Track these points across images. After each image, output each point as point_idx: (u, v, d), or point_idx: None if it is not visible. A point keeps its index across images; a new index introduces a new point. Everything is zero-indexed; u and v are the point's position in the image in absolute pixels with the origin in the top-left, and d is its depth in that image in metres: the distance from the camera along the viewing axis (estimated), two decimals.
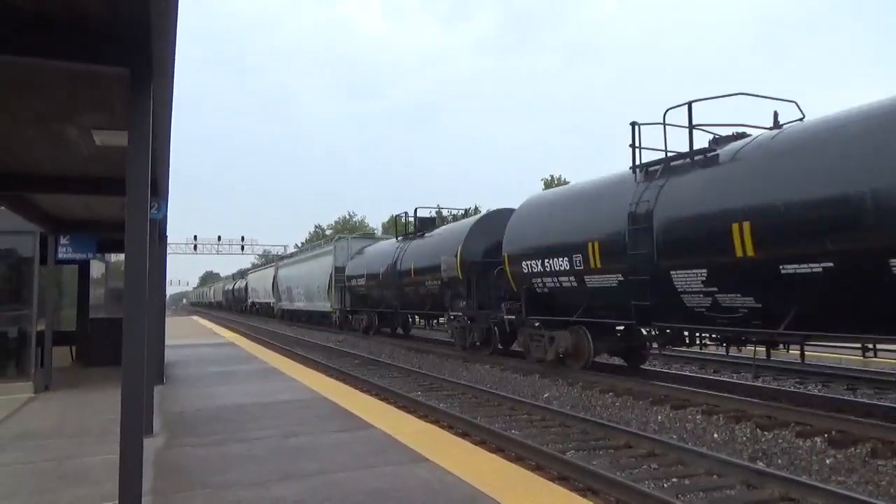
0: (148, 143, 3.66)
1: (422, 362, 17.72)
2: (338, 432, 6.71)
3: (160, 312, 10.24)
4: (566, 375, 12.94)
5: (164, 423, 7.37)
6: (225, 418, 7.64)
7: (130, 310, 3.70)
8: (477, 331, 17.38)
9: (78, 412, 8.16)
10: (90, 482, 5.06)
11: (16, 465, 5.66)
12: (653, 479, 6.46)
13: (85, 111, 4.82)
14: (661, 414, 9.51)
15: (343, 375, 14.56)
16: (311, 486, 4.84)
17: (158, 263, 8.52)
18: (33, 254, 10.06)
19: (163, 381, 10.58)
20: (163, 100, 4.29)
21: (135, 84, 3.55)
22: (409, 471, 5.19)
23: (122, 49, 3.46)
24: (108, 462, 5.43)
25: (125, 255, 3.73)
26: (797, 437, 7.80)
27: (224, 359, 15.18)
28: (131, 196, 3.64)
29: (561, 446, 7.89)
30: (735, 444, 7.95)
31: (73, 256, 11.16)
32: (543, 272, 13.79)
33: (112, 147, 5.36)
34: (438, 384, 13.46)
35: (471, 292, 17.43)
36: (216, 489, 4.80)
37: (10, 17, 3.34)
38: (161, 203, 7.42)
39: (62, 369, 12.19)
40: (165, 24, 3.21)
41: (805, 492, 5.77)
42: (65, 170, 6.93)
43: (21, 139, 5.67)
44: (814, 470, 6.90)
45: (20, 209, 8.59)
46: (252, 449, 6.06)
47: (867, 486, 6.32)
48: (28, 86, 4.36)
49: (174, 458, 5.76)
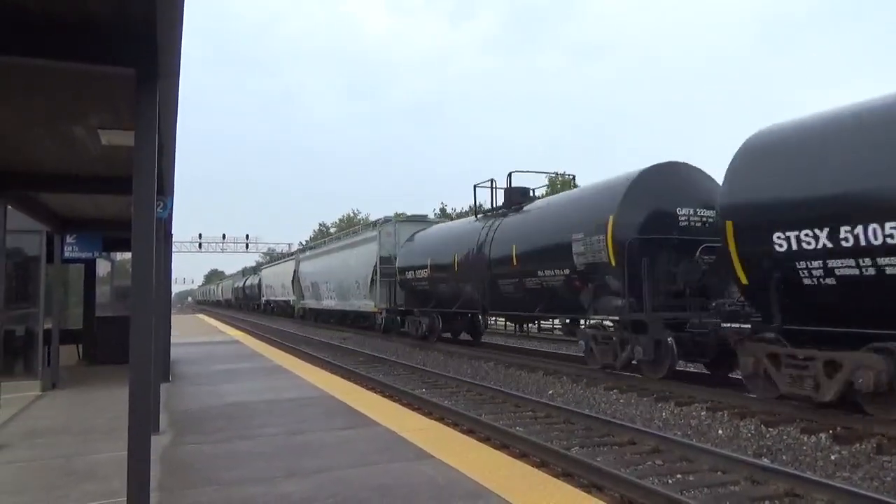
0: (154, 143, 3.69)
1: (426, 359, 17.75)
2: (343, 429, 6.74)
3: (166, 311, 10.29)
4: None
5: (170, 420, 7.41)
6: (231, 415, 7.68)
7: (137, 308, 3.73)
8: (643, 344, 11.45)
9: (85, 410, 8.21)
10: (98, 479, 5.10)
11: (25, 463, 5.71)
12: (657, 476, 6.48)
13: (91, 111, 4.86)
14: (666, 410, 9.52)
15: (348, 373, 14.60)
16: (318, 482, 4.87)
17: (164, 262, 8.57)
18: (40, 253, 10.11)
19: (169, 379, 10.64)
20: (168, 100, 4.32)
21: (141, 84, 3.58)
22: (415, 467, 5.22)
23: (128, 50, 3.49)
24: (115, 459, 5.46)
25: (132, 254, 3.76)
26: (802, 434, 7.79)
27: (230, 356, 15.24)
28: (138, 195, 3.67)
29: (565, 443, 7.91)
30: (740, 441, 7.96)
31: (80, 255, 11.25)
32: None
33: (119, 146, 5.39)
34: (443, 381, 13.50)
35: (632, 285, 11.63)
36: (223, 486, 4.83)
37: (18, 18, 3.37)
38: (166, 201, 7.46)
39: (69, 367, 12.26)
40: (172, 25, 3.23)
41: (810, 488, 5.78)
42: (71, 169, 6.97)
43: (28, 139, 5.71)
44: (819, 466, 6.90)
45: (27, 208, 8.64)
46: (258, 446, 6.09)
47: (872, 481, 6.32)
48: (35, 86, 4.39)
49: (181, 455, 5.80)
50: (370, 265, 24.88)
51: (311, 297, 36.20)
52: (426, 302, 21.13)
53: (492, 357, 16.32)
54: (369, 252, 25.24)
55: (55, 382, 10.12)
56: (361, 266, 26.18)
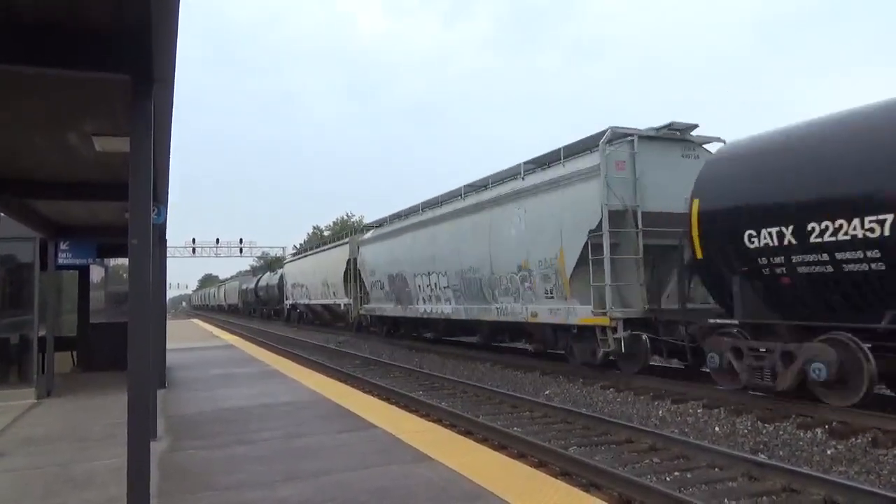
0: (150, 149, 3.68)
1: (422, 361, 17.74)
2: (341, 433, 6.73)
3: (161, 316, 10.25)
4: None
5: (167, 426, 7.39)
6: (228, 420, 7.66)
7: (135, 314, 3.72)
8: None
9: (81, 417, 8.17)
10: (97, 486, 5.08)
11: (22, 471, 5.68)
12: (655, 474, 6.50)
13: (85, 117, 4.84)
14: (663, 408, 9.56)
15: (344, 376, 14.58)
16: (316, 486, 4.87)
17: (159, 267, 8.54)
18: (33, 260, 10.06)
19: (165, 385, 10.60)
20: (163, 106, 4.31)
21: (136, 90, 3.57)
22: (413, 469, 5.22)
23: (123, 56, 3.48)
24: (113, 466, 5.46)
25: (129, 260, 3.75)
26: (798, 429, 7.84)
27: (225, 361, 15.20)
28: (134, 201, 3.66)
29: (563, 442, 7.93)
30: (736, 437, 7.99)
31: (73, 262, 11.21)
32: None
33: (113, 153, 5.38)
34: (440, 383, 13.50)
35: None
36: (222, 490, 4.83)
37: (12, 25, 3.36)
38: (161, 207, 7.44)
39: (63, 375, 12.20)
40: (167, 31, 3.23)
41: (806, 483, 5.82)
42: (65, 175, 6.94)
43: (21, 145, 5.69)
44: (815, 461, 6.95)
45: (20, 215, 8.60)
46: (256, 450, 6.08)
47: (868, 475, 6.37)
48: (28, 92, 4.38)
49: (179, 461, 5.78)
50: (585, 231, 12.28)
51: (385, 298, 23.57)
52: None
53: (488, 358, 16.34)
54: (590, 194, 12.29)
55: (50, 390, 10.07)
56: (574, 230, 12.66)
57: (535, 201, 13.99)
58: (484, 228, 15.93)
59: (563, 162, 13.61)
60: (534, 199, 14.06)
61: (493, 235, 15.53)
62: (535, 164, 15.03)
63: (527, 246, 14.11)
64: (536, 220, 13.88)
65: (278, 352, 20.39)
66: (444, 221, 18.40)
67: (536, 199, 13.98)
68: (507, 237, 14.92)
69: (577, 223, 12.46)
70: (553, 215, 13.28)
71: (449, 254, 17.74)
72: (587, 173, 12.39)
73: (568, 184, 12.98)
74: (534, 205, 14.02)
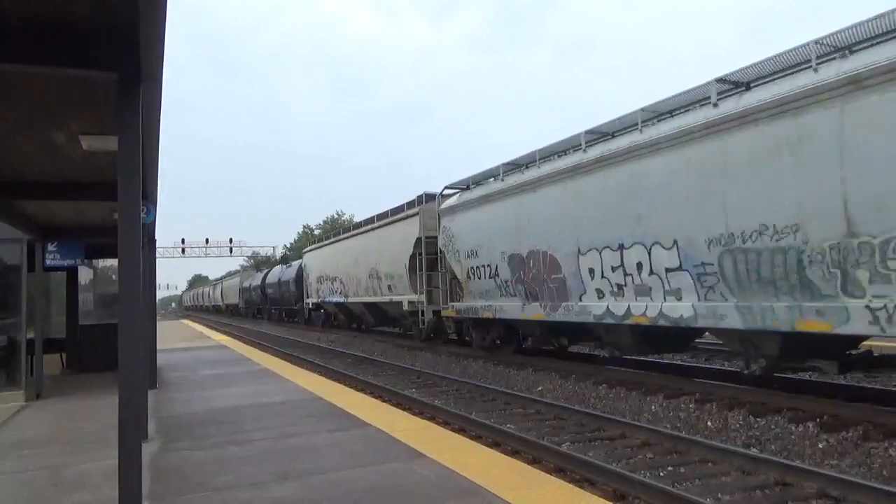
0: (138, 148, 3.64)
1: (415, 359, 17.73)
2: (334, 431, 6.71)
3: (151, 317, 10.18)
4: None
5: (158, 427, 7.34)
6: (220, 421, 7.61)
7: (125, 314, 3.68)
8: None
9: (71, 419, 8.10)
10: (88, 488, 5.04)
11: (12, 474, 5.63)
12: (649, 469, 6.52)
13: (72, 116, 4.79)
14: (655, 404, 9.58)
15: (337, 375, 14.54)
16: (310, 485, 4.84)
17: (148, 268, 8.48)
18: (21, 261, 9.96)
19: (156, 386, 10.53)
20: (151, 104, 4.27)
21: (123, 89, 3.53)
22: (408, 467, 5.21)
23: (110, 54, 3.44)
24: (104, 468, 5.41)
25: (119, 261, 3.71)
26: (789, 423, 7.88)
27: (216, 361, 15.13)
28: (122, 201, 3.62)
29: (557, 439, 7.93)
30: (728, 432, 8.02)
31: (61, 263, 11.09)
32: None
33: (100, 152, 5.33)
34: (433, 380, 13.48)
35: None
36: (214, 491, 4.80)
37: None
38: (150, 207, 7.38)
39: (53, 377, 12.10)
40: (154, 28, 3.19)
41: (799, 476, 5.84)
42: (52, 175, 6.88)
43: (6, 145, 5.62)
44: (807, 454, 6.98)
45: (6, 216, 8.51)
46: (249, 450, 6.05)
47: (860, 468, 6.41)
48: (14, 91, 4.32)
49: (170, 462, 5.74)
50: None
51: (497, 292, 15.15)
52: None
53: (479, 356, 16.34)
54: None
55: (39, 392, 9.98)
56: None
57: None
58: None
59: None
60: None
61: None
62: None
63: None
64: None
65: (271, 351, 20.30)
66: (658, 153, 10.02)
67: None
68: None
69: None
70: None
71: (687, 206, 9.52)
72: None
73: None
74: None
